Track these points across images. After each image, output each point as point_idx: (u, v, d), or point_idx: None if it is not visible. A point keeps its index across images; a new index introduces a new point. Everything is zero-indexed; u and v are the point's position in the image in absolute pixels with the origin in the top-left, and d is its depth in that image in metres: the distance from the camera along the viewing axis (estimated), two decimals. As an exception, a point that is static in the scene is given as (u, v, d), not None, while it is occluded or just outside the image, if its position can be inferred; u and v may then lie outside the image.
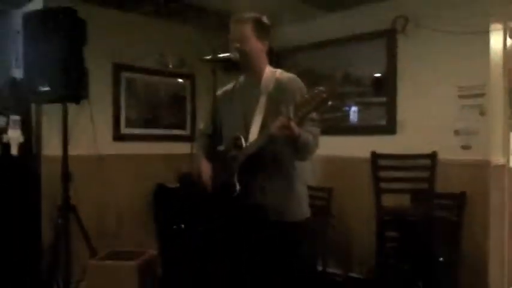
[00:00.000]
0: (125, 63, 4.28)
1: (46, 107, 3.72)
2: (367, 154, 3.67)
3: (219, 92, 2.29)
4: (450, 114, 3.66)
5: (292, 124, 1.80)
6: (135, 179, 4.30)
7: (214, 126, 2.18)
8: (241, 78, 2.30)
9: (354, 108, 4.28)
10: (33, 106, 3.80)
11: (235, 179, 2.04)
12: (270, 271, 2.07)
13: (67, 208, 3.27)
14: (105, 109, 4.15)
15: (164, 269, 3.94)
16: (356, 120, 4.28)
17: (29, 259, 3.58)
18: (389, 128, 4.00)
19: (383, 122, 4.06)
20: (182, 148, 4.29)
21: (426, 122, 3.79)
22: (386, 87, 4.04)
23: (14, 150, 3.57)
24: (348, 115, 4.32)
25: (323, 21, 4.43)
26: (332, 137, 4.12)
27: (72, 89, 3.14)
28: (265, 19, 2.21)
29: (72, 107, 3.35)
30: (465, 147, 3.60)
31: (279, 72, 2.20)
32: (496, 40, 3.59)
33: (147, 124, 4.50)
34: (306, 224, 2.18)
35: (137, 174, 4.32)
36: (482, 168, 3.50)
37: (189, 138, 4.48)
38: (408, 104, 3.92)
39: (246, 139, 2.07)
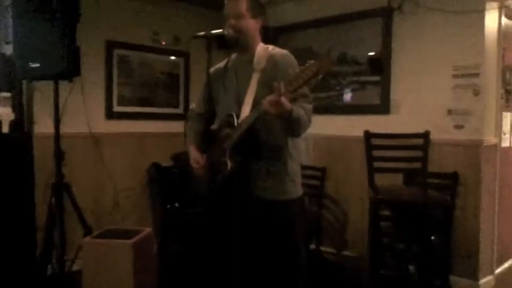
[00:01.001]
0: (118, 40, 4.22)
1: (37, 84, 3.67)
2: (360, 133, 3.68)
3: (212, 70, 2.27)
4: (444, 94, 3.66)
5: (283, 99, 1.78)
6: (128, 157, 4.29)
7: (207, 105, 2.17)
8: (234, 56, 2.28)
9: (348, 88, 4.27)
10: (24, 83, 3.75)
11: (227, 158, 2.03)
12: (264, 249, 2.09)
13: (60, 187, 3.25)
14: (97, 87, 4.11)
15: (160, 248, 3.96)
16: (350, 99, 4.27)
17: (22, 238, 3.58)
18: (383, 108, 4.00)
19: (377, 102, 4.05)
20: (176, 126, 4.28)
21: (420, 102, 3.79)
22: (381, 66, 4.02)
23: (5, 128, 3.54)
24: (342, 94, 4.31)
25: (320, 0, 4.38)
26: (326, 116, 4.14)
27: (64, 66, 3.08)
28: (260, -4, 2.18)
29: (63, 84, 3.31)
30: (458, 127, 3.61)
31: (271, 48, 2.18)
32: (492, 19, 3.57)
33: (140, 102, 4.46)
34: (299, 202, 2.19)
35: (131, 153, 4.31)
36: (474, 147, 3.52)
37: (182, 117, 4.46)
38: (402, 83, 3.91)
39: (239, 117, 2.06)
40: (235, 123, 2.05)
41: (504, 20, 3.70)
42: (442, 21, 3.63)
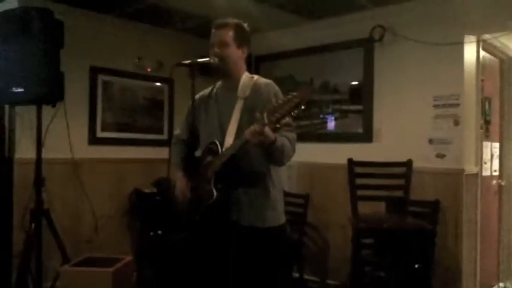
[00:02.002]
0: (102, 66, 4.22)
1: (20, 109, 3.64)
2: (343, 161, 3.70)
3: (197, 97, 2.28)
4: (425, 123, 3.72)
5: (266, 129, 1.80)
6: (110, 183, 4.24)
7: (191, 132, 2.17)
8: (219, 84, 2.30)
9: (331, 116, 4.32)
10: (6, 107, 3.71)
11: (212, 186, 2.02)
12: (245, 277, 2.06)
13: (39, 213, 3.19)
14: (81, 112, 4.08)
15: (140, 276, 3.88)
16: (333, 127, 4.32)
17: (-2, 265, 3.49)
18: (366, 136, 4.04)
19: (360, 130, 4.10)
20: (159, 153, 4.26)
21: (402, 131, 3.84)
22: (363, 95, 4.09)
23: (-15, 153, 3.49)
24: (326, 122, 4.35)
25: (303, 29, 4.47)
26: (309, 144, 4.16)
27: (48, 90, 3.07)
28: (246, 26, 2.22)
29: (47, 110, 3.28)
30: (439, 156, 3.66)
31: (256, 78, 2.21)
32: (470, 52, 3.67)
33: (123, 128, 4.43)
34: (281, 230, 2.18)
35: (113, 179, 4.26)
36: (455, 176, 3.57)
37: (167, 143, 4.44)
38: (384, 112, 3.97)
39: (222, 145, 2.06)
40: (219, 151, 2.05)
41: (482, 53, 3.81)
42: (423, 53, 3.72)
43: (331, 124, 4.33)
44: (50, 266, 3.44)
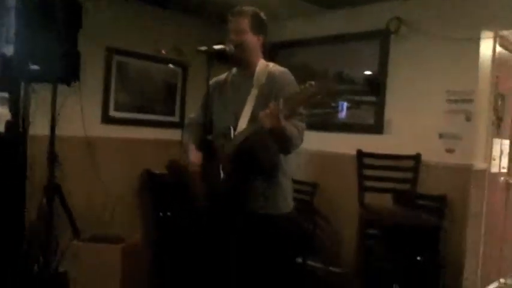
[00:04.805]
0: (118, 47, 4.24)
1: (35, 86, 3.68)
2: (353, 151, 3.72)
3: (212, 82, 2.30)
4: (437, 118, 3.72)
5: (280, 115, 1.82)
6: (122, 163, 4.29)
7: (205, 116, 2.20)
8: (234, 70, 2.32)
9: (343, 106, 4.32)
10: (22, 84, 3.75)
11: (220, 169, 2.06)
12: (253, 262, 2.10)
13: (52, 188, 3.26)
14: (95, 91, 4.12)
15: (149, 255, 3.95)
16: (344, 117, 4.32)
17: (10, 238, 3.56)
18: (377, 128, 4.05)
19: (371, 121, 4.11)
20: (171, 134, 4.31)
21: (413, 124, 3.84)
22: (376, 86, 4.08)
23: (1, 128, 3.54)
24: (337, 112, 4.36)
25: (320, 19, 4.45)
26: (320, 133, 4.18)
27: (64, 70, 3.11)
28: (262, 14, 2.23)
29: (61, 87, 3.33)
30: (449, 151, 3.66)
31: (271, 65, 2.23)
32: (486, 47, 3.65)
33: (136, 109, 4.47)
34: (289, 216, 2.22)
35: (125, 159, 4.31)
36: (464, 172, 3.57)
37: (178, 125, 4.49)
38: (397, 104, 3.97)
39: (235, 129, 2.09)
40: (232, 136, 2.08)
41: (498, 49, 3.78)
42: (438, 47, 3.70)
43: (342, 114, 4.33)
44: (61, 242, 3.51)
